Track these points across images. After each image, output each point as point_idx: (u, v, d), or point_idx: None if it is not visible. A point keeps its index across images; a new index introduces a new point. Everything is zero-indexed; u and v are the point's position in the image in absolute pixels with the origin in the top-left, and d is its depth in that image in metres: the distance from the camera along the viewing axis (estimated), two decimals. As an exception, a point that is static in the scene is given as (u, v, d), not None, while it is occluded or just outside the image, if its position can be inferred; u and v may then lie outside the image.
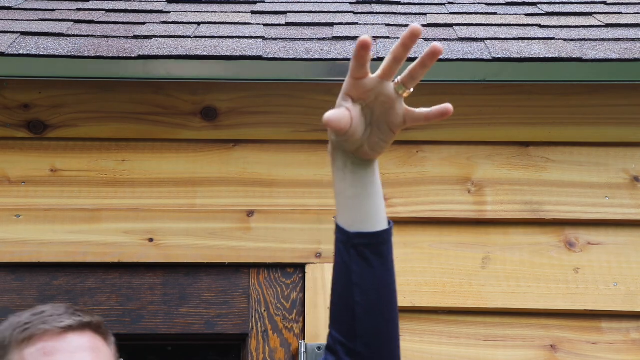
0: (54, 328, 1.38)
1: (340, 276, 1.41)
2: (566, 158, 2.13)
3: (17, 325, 1.39)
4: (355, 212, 1.43)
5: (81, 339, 1.41)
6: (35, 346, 1.36)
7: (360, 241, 1.41)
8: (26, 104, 2.10)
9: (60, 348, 1.37)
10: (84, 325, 1.41)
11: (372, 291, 1.42)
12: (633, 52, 2.03)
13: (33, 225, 2.05)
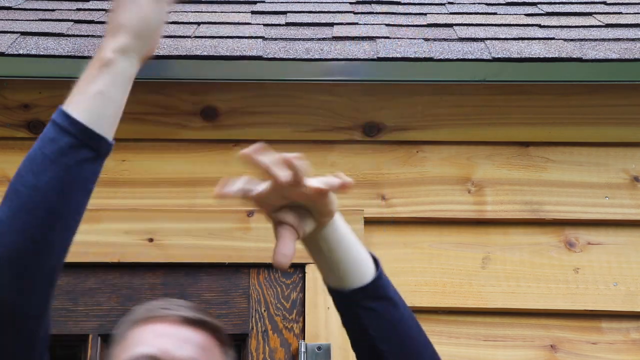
0: (174, 315, 1.43)
1: (355, 334, 1.39)
2: (566, 158, 2.13)
3: (146, 305, 1.46)
4: (343, 269, 1.38)
5: (195, 334, 1.43)
6: (152, 326, 1.42)
7: (359, 296, 1.38)
8: (26, 104, 2.10)
9: (171, 334, 1.41)
10: (202, 322, 1.44)
11: (392, 334, 1.39)
12: (633, 52, 2.03)
13: (33, 225, 2.04)
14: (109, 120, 1.32)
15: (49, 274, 1.21)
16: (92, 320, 2.00)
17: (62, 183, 1.22)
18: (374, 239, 2.06)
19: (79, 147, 1.25)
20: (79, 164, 1.25)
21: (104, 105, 1.32)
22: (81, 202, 1.25)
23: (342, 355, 1.96)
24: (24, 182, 1.23)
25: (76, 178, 1.24)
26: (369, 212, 2.07)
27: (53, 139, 1.26)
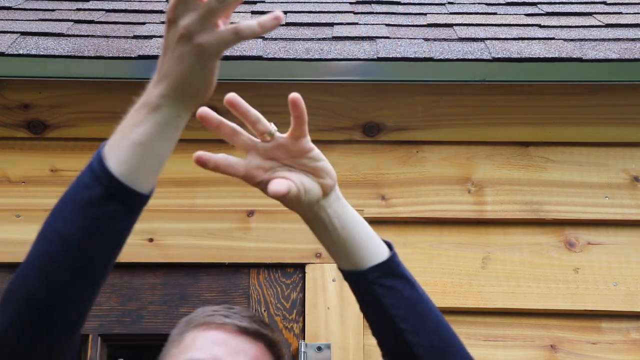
0: (232, 324, 1.43)
1: (375, 316, 1.36)
2: (566, 158, 2.12)
3: (205, 310, 1.46)
4: (356, 247, 1.37)
5: (250, 345, 1.43)
6: (209, 333, 1.42)
7: (377, 274, 1.36)
8: (26, 104, 2.10)
9: (227, 343, 1.41)
10: (259, 335, 1.44)
11: (412, 312, 1.37)
12: (633, 52, 2.03)
13: (33, 225, 2.03)
14: (146, 173, 1.23)
15: (70, 325, 1.17)
16: (92, 320, 2.00)
17: (87, 235, 1.15)
18: (374, 239, 2.06)
19: (108, 199, 1.17)
20: (107, 217, 1.17)
21: (144, 158, 1.23)
22: (108, 255, 1.20)
23: (342, 355, 1.96)
24: (53, 226, 1.17)
25: (103, 231, 1.17)
26: (369, 212, 2.07)
27: (86, 185, 1.19)
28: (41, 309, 1.12)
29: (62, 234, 1.14)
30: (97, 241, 1.16)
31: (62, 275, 1.13)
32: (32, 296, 1.12)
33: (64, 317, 1.15)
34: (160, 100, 1.17)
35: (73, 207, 1.17)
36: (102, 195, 1.16)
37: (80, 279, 1.16)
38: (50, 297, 1.12)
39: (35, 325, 1.13)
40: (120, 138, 1.24)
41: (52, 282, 1.12)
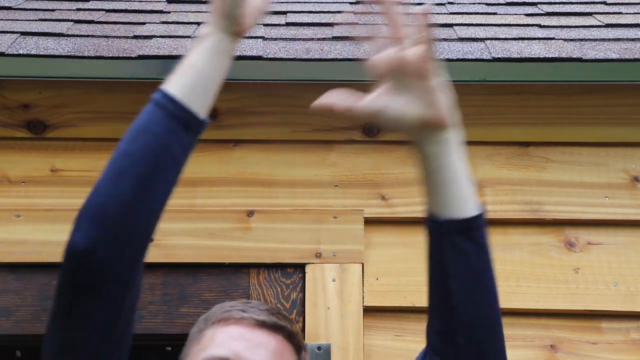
0: (250, 318, 1.45)
1: (434, 266, 1.35)
2: (566, 158, 2.12)
3: (223, 306, 1.49)
4: (443, 195, 1.38)
5: (269, 338, 1.44)
6: (227, 328, 1.45)
7: (451, 228, 1.35)
8: (26, 104, 2.10)
9: (246, 337, 1.43)
10: (278, 327, 1.45)
11: (468, 280, 1.36)
12: (633, 52, 2.03)
13: (33, 225, 2.05)
14: (200, 96, 1.37)
15: (140, 239, 1.25)
16: (92, 320, 2.00)
17: (151, 150, 1.27)
18: (374, 239, 2.06)
19: (168, 117, 1.31)
20: (168, 133, 1.29)
21: (196, 79, 1.38)
22: (170, 171, 1.28)
23: (342, 355, 1.96)
24: (118, 149, 1.28)
25: (165, 147, 1.28)
26: (369, 212, 2.07)
27: (146, 111, 1.35)
28: (115, 221, 1.21)
29: (128, 152, 1.26)
30: (160, 156, 1.27)
31: (131, 189, 1.23)
32: (105, 210, 1.21)
33: (136, 228, 1.23)
34: (207, 30, 1.36)
35: (135, 129, 1.31)
36: (162, 114, 1.32)
37: (146, 192, 1.24)
38: (122, 211, 1.21)
39: (113, 238, 1.21)
40: (176, 70, 1.40)
41: (122, 196, 1.22)
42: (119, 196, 1.22)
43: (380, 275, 2.04)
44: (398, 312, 2.04)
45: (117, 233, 1.21)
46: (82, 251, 1.20)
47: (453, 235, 1.34)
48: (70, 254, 1.21)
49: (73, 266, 1.21)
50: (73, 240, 1.21)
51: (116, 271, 1.22)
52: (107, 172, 1.26)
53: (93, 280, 1.22)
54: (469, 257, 1.33)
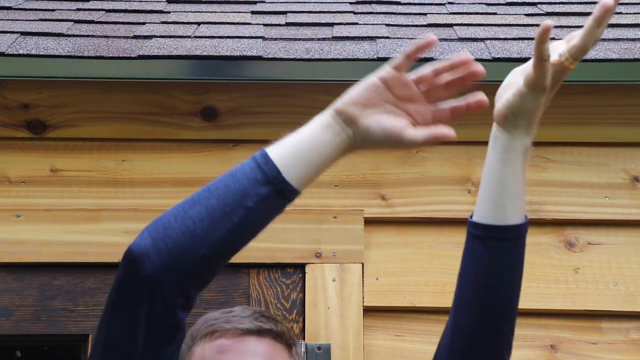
0: (234, 329, 1.47)
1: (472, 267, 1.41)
2: (566, 158, 2.12)
3: (206, 320, 1.51)
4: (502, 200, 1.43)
5: (257, 343, 1.47)
6: (214, 342, 1.46)
7: (496, 234, 1.42)
8: (26, 104, 2.10)
9: (234, 348, 1.45)
10: (263, 331, 1.47)
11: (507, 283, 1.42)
12: (633, 52, 2.03)
13: (33, 225, 2.05)
14: (296, 162, 1.37)
15: (191, 268, 1.29)
16: (92, 320, 2.00)
17: (228, 190, 1.33)
18: (374, 239, 2.06)
19: (255, 168, 1.35)
20: (249, 181, 1.34)
21: (297, 146, 1.38)
22: (238, 216, 1.32)
23: (342, 355, 1.96)
24: (208, 183, 1.35)
25: (242, 192, 1.33)
26: (369, 212, 2.07)
27: (245, 162, 1.37)
28: (171, 239, 1.27)
29: (209, 187, 1.33)
30: (233, 198, 1.31)
31: (196, 217, 1.29)
32: (166, 227, 1.28)
33: (188, 255, 1.28)
34: (331, 113, 1.42)
35: (229, 172, 1.36)
36: (253, 166, 1.34)
37: (208, 227, 1.29)
38: (181, 230, 1.28)
39: (165, 254, 1.26)
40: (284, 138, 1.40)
41: (186, 219, 1.29)
42: (184, 219, 1.28)
43: (380, 275, 2.04)
44: (398, 312, 2.04)
45: (169, 249, 1.26)
46: (135, 255, 1.26)
47: (497, 240, 1.41)
48: (126, 256, 1.28)
49: (126, 268, 1.27)
50: (133, 243, 1.28)
51: (160, 287, 1.26)
52: (187, 199, 1.32)
53: (139, 288, 1.27)
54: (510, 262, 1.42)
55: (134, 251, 1.27)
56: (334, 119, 1.40)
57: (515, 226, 1.42)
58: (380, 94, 1.40)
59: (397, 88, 1.39)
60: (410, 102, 1.39)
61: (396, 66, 1.41)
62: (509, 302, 1.41)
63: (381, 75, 1.39)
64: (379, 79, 1.39)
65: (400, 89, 1.41)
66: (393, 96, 1.39)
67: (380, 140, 1.39)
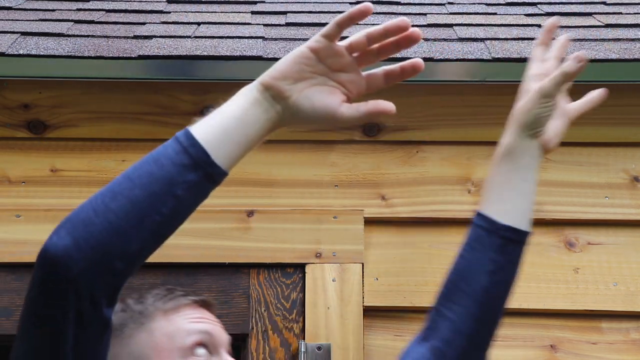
0: (196, 301, 1.46)
1: (472, 260, 1.47)
2: (566, 158, 2.12)
3: (158, 297, 1.48)
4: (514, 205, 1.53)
5: (211, 314, 1.48)
6: (182, 314, 1.43)
7: (508, 234, 1.49)
8: (26, 104, 2.10)
9: (204, 317, 1.44)
10: (211, 305, 1.49)
11: (501, 283, 1.47)
12: (633, 52, 2.03)
13: (33, 225, 2.05)
14: (223, 142, 1.29)
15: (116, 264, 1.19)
16: (92, 320, 1.99)
17: (152, 178, 1.24)
18: (374, 239, 2.06)
19: (180, 152, 1.28)
20: (175, 166, 1.26)
21: (223, 125, 1.31)
22: (168, 206, 1.23)
23: (342, 355, 1.96)
24: (124, 172, 1.24)
25: (168, 180, 1.24)
26: (369, 212, 2.07)
27: (164, 144, 1.30)
28: (95, 236, 1.15)
29: (130, 176, 1.21)
30: (159, 187, 1.22)
31: (120, 210, 1.18)
32: (87, 223, 1.16)
33: (113, 250, 1.17)
34: (254, 87, 1.38)
35: (148, 157, 1.27)
36: (178, 149, 1.27)
37: (134, 219, 1.19)
38: (104, 227, 1.16)
39: (89, 252, 1.15)
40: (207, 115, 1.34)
41: (108, 213, 1.17)
42: (106, 213, 1.16)
43: (380, 275, 2.04)
44: (398, 312, 2.04)
45: (92, 247, 1.15)
46: (54, 257, 1.14)
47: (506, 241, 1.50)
48: (43, 258, 1.15)
49: (45, 271, 1.16)
50: (49, 243, 1.15)
51: (87, 288, 1.15)
52: (104, 190, 1.20)
53: (62, 291, 1.15)
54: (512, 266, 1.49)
55: (52, 252, 1.14)
56: (261, 94, 1.33)
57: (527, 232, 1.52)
58: (311, 66, 1.29)
59: (329, 58, 1.29)
60: (343, 71, 1.31)
61: (327, 35, 1.29)
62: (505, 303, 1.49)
63: (311, 45, 1.28)
64: (308, 50, 1.28)
65: (331, 59, 1.31)
66: (325, 67, 1.30)
67: (311, 118, 1.30)
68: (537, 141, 1.57)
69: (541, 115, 1.56)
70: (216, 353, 1.44)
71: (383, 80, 1.35)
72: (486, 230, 1.53)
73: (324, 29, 1.29)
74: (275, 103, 1.33)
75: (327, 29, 1.29)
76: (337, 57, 1.30)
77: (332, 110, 1.30)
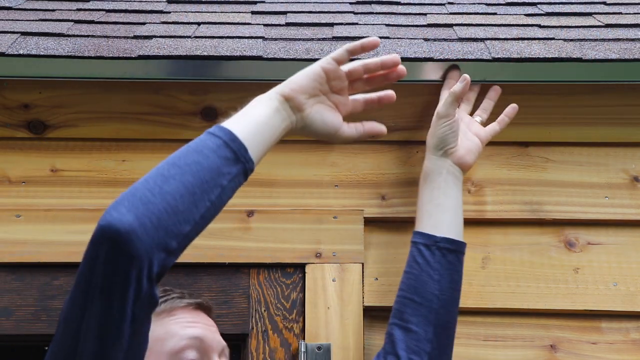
0: (193, 303, 1.52)
1: (420, 274, 1.66)
2: (566, 158, 2.13)
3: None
4: (443, 219, 1.72)
5: (208, 318, 1.55)
6: (176, 317, 1.48)
7: (445, 245, 1.68)
8: (26, 104, 2.10)
9: (199, 321, 1.50)
10: (208, 307, 1.57)
11: (449, 289, 1.65)
12: (633, 52, 2.03)
13: (33, 225, 2.05)
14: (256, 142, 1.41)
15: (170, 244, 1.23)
16: (92, 320, 1.99)
17: (200, 167, 1.30)
18: (374, 239, 2.06)
19: (222, 145, 1.35)
20: (218, 158, 1.33)
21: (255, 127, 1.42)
22: (215, 193, 1.30)
23: (342, 355, 1.96)
24: (166, 160, 1.30)
25: (214, 170, 1.32)
26: (369, 212, 2.07)
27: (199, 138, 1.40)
28: (155, 214, 1.20)
29: (177, 164, 1.28)
30: (207, 175, 1.29)
31: (176, 192, 1.23)
32: (147, 202, 1.20)
33: (169, 229, 1.22)
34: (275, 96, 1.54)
35: (189, 148, 1.34)
36: (219, 142, 1.34)
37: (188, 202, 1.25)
38: (162, 206, 1.21)
39: (151, 229, 1.18)
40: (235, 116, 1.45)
41: (165, 194, 1.22)
42: (163, 194, 1.21)
43: (380, 275, 2.04)
44: (398, 312, 2.03)
45: (155, 226, 1.18)
46: (120, 232, 1.15)
47: (445, 251, 1.70)
48: (107, 234, 1.16)
49: (109, 247, 1.16)
50: (111, 219, 1.16)
51: (148, 265, 1.18)
52: (152, 175, 1.24)
53: (126, 267, 1.17)
54: (455, 273, 1.76)
55: (118, 227, 1.16)
56: (281, 104, 1.45)
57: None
58: (321, 85, 1.48)
59: (333, 80, 1.48)
60: (338, 93, 1.49)
61: (337, 59, 1.47)
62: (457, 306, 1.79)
63: (324, 66, 1.46)
64: (322, 69, 1.46)
65: (335, 81, 1.47)
66: (328, 88, 1.48)
67: (317, 132, 1.48)
68: (450, 159, 1.75)
69: (445, 134, 1.76)
70: (207, 358, 1.44)
71: (362, 107, 1.54)
72: (425, 245, 1.72)
73: (335, 53, 1.45)
74: (292, 114, 1.47)
75: (338, 53, 1.45)
76: (339, 80, 1.47)
77: (337, 127, 1.50)
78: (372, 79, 1.55)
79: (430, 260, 1.67)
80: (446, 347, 1.67)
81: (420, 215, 1.79)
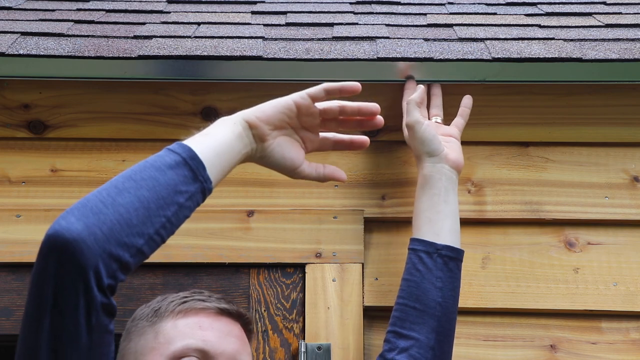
0: (213, 307, 1.46)
1: (421, 281, 1.67)
2: (566, 158, 2.13)
3: (175, 298, 1.48)
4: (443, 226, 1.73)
5: (233, 325, 1.48)
6: (191, 319, 1.44)
7: (447, 253, 1.69)
8: (26, 104, 2.10)
9: (215, 326, 1.44)
10: (238, 314, 1.50)
11: (450, 297, 1.67)
12: (633, 52, 2.03)
13: (33, 225, 2.05)
14: (215, 164, 1.37)
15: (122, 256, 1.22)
16: (92, 320, 1.99)
17: (156, 182, 1.28)
18: (374, 239, 2.06)
19: (180, 163, 1.31)
20: (175, 173, 1.30)
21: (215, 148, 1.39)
22: (171, 209, 1.29)
23: (342, 355, 1.96)
24: (122, 174, 1.28)
25: (170, 185, 1.30)
26: (369, 212, 2.07)
27: (158, 154, 1.33)
28: (106, 225, 1.18)
29: (133, 177, 1.25)
30: (163, 191, 1.27)
31: (130, 205, 1.22)
32: (99, 212, 1.19)
33: (121, 241, 1.21)
34: (237, 119, 1.47)
35: (145, 163, 1.29)
36: (177, 158, 1.30)
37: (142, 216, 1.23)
38: (115, 218, 1.19)
39: (101, 238, 1.18)
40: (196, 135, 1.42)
41: (119, 207, 1.20)
42: (115, 206, 1.19)
43: (380, 275, 2.04)
44: (398, 312, 2.03)
45: (105, 235, 1.17)
46: (67, 241, 1.15)
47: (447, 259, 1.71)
48: (53, 243, 1.17)
49: (56, 256, 1.17)
50: (59, 228, 1.17)
51: (97, 274, 1.17)
52: (106, 187, 1.22)
53: (74, 277, 1.16)
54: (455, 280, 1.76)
55: (65, 236, 1.16)
56: (244, 131, 1.43)
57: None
58: (290, 118, 1.46)
59: (305, 116, 1.46)
60: (308, 130, 1.47)
61: (313, 96, 1.45)
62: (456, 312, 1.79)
63: (297, 101, 1.43)
64: (294, 104, 1.44)
65: (307, 117, 1.45)
66: (298, 122, 1.46)
67: (275, 165, 1.47)
68: (445, 163, 1.74)
69: (423, 137, 1.78)
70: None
71: (331, 147, 1.54)
72: (427, 252, 1.71)
73: (311, 89, 1.42)
74: (254, 142, 1.45)
75: (314, 90, 1.43)
76: (312, 117, 1.45)
77: (296, 165, 1.47)
78: (347, 121, 1.53)
79: (432, 268, 1.66)
80: (447, 354, 1.67)
81: (419, 222, 1.77)
